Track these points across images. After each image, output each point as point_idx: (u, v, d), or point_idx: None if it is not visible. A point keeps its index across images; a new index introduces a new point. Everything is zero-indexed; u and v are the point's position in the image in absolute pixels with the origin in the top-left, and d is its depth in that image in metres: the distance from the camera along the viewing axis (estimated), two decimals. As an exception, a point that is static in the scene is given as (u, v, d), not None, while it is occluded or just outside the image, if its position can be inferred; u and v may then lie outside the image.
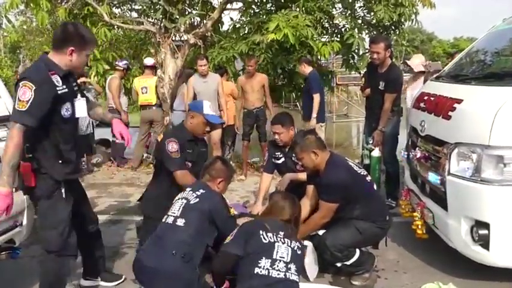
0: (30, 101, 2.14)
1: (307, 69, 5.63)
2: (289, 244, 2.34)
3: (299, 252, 2.36)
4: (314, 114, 5.47)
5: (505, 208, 2.50)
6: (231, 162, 3.82)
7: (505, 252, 2.54)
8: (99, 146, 7.27)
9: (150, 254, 2.46)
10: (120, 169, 6.43)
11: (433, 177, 2.95)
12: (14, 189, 2.49)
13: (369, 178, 3.02)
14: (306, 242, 2.91)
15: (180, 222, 2.50)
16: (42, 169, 2.30)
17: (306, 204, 3.05)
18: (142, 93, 6.27)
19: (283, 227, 2.42)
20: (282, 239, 2.34)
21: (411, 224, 3.24)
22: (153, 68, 6.49)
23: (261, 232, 2.36)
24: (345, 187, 2.80)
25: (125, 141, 2.64)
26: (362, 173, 2.97)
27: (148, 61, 6.54)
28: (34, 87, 2.15)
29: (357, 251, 2.87)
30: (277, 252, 2.29)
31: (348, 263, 2.84)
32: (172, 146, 3.08)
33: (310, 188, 3.09)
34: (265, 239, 2.33)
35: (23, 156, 2.23)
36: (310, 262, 2.89)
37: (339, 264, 2.86)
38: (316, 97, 5.48)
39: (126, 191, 5.35)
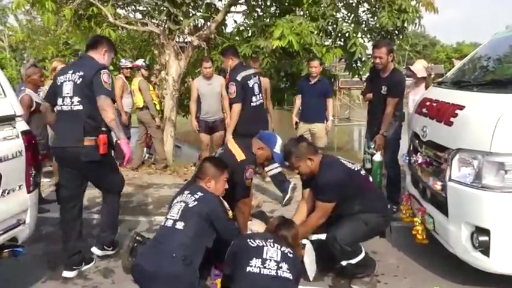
0: (110, 83, 2.97)
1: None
2: (278, 248, 2.38)
3: (290, 255, 2.38)
4: (330, 117, 5.63)
5: (505, 215, 2.50)
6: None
7: (505, 259, 2.55)
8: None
9: (149, 257, 2.47)
10: (121, 169, 6.43)
11: (434, 183, 2.96)
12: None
13: (363, 172, 3.07)
14: (304, 241, 2.96)
15: (180, 225, 2.52)
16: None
17: (302, 207, 3.10)
18: (133, 95, 6.34)
19: (273, 236, 2.47)
20: (271, 244, 2.39)
21: (412, 229, 3.25)
22: (142, 69, 6.36)
23: (248, 240, 2.42)
24: (341, 185, 2.85)
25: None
26: (356, 168, 3.01)
27: (137, 62, 6.53)
28: (109, 73, 3.02)
29: (363, 250, 2.90)
30: (266, 253, 2.33)
31: (354, 261, 2.86)
32: (250, 173, 3.10)
33: (306, 192, 3.13)
34: (253, 244, 2.38)
35: (99, 129, 2.98)
36: (310, 261, 2.92)
37: (344, 263, 2.88)
38: (330, 100, 5.67)
39: (127, 190, 5.35)
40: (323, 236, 3.12)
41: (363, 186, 2.98)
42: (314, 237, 3.12)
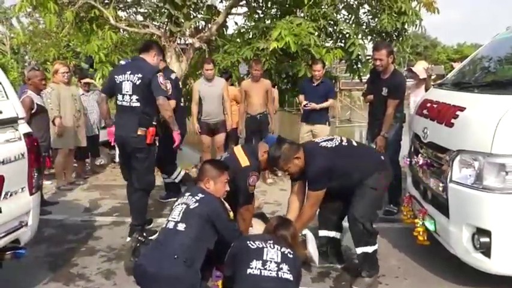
0: (165, 84, 3.58)
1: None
2: (278, 249, 2.38)
3: (290, 256, 2.38)
4: (322, 105, 5.46)
5: (506, 216, 2.51)
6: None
7: (506, 260, 2.55)
8: (102, 148, 7.31)
9: (151, 259, 2.48)
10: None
11: (435, 184, 2.96)
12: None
13: (345, 142, 3.04)
14: (305, 231, 3.00)
15: (181, 227, 2.53)
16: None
17: (294, 202, 3.14)
18: None
19: (273, 237, 2.47)
20: (270, 245, 2.39)
21: (413, 230, 3.25)
22: None
23: (248, 242, 2.42)
24: (327, 171, 2.90)
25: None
26: (335, 144, 3.00)
27: None
28: (164, 76, 3.67)
29: (377, 243, 2.95)
30: (266, 254, 2.33)
31: (370, 250, 2.90)
32: (254, 180, 3.11)
33: (296, 184, 3.16)
34: (253, 245, 2.39)
35: (151, 123, 3.57)
36: (313, 249, 2.96)
37: (359, 251, 2.91)
38: (331, 101, 5.64)
39: (129, 193, 5.37)
40: (332, 234, 3.15)
41: (351, 156, 3.00)
42: (323, 233, 3.19)
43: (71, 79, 5.69)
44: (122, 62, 6.48)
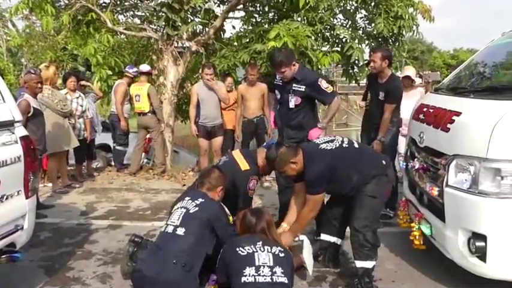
0: None
1: None
2: (269, 250, 2.39)
3: (282, 255, 2.38)
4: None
5: (501, 220, 2.52)
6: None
7: (501, 265, 2.56)
8: (99, 151, 7.30)
9: (150, 263, 2.47)
10: (119, 174, 6.44)
11: (431, 189, 2.98)
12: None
13: (346, 143, 3.00)
14: (302, 237, 2.99)
15: (180, 231, 2.53)
16: None
17: (295, 202, 3.15)
18: (136, 100, 6.22)
19: (260, 238, 2.48)
20: (260, 248, 2.39)
21: (409, 234, 3.26)
22: (149, 75, 6.43)
23: (237, 249, 2.42)
24: (326, 174, 2.89)
25: None
26: (336, 146, 2.96)
27: (144, 67, 6.43)
28: None
29: (377, 257, 2.93)
30: (258, 259, 2.34)
31: (370, 265, 2.88)
32: (254, 184, 3.11)
33: (299, 184, 3.15)
34: (243, 252, 2.39)
35: None
36: (308, 255, 2.95)
37: (359, 265, 2.89)
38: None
39: (125, 196, 5.37)
40: (333, 239, 3.18)
41: (351, 159, 2.98)
42: (324, 237, 3.20)
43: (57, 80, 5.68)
44: (129, 69, 6.50)
